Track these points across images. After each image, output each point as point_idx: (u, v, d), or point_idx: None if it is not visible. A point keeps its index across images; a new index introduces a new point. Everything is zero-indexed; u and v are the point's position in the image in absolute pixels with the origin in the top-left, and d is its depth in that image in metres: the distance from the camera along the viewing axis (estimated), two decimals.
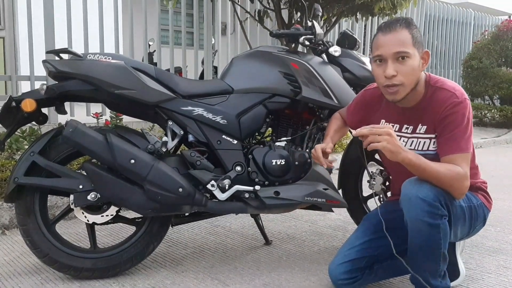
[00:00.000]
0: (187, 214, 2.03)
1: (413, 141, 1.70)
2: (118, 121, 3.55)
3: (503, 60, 8.04)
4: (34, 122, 1.90)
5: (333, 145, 1.84)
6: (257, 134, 2.05)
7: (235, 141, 1.94)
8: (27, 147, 2.39)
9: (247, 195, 1.90)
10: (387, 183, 2.15)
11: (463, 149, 1.56)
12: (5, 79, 4.30)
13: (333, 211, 2.09)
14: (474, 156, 1.71)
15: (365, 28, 6.97)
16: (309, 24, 2.13)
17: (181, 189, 1.79)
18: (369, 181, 2.09)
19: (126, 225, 2.16)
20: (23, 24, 4.36)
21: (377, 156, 2.19)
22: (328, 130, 1.93)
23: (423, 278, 1.62)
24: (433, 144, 1.66)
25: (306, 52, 2.29)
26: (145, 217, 1.93)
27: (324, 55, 2.14)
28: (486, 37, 8.41)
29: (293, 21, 4.10)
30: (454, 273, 1.83)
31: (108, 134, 1.81)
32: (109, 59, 1.84)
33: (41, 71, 2.36)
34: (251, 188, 1.89)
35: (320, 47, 2.13)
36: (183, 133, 1.92)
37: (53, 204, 2.57)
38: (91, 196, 1.79)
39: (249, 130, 1.97)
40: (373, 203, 2.20)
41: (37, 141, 1.85)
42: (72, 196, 1.81)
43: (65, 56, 1.89)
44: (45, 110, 1.92)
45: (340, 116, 1.98)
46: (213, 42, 5.35)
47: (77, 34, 4.15)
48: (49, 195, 1.97)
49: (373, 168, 2.06)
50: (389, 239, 1.58)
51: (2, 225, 2.47)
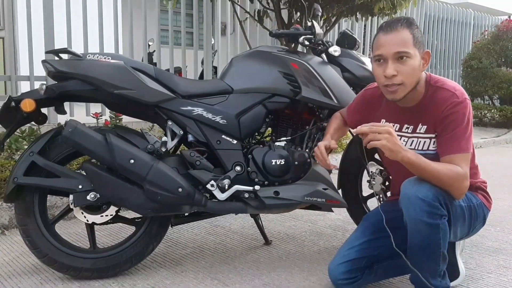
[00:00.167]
0: (186, 214, 2.03)
1: (413, 141, 1.70)
2: (118, 121, 3.55)
3: (503, 60, 8.05)
4: (33, 122, 1.89)
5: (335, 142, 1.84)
6: (256, 134, 2.05)
7: (235, 141, 1.93)
8: (26, 147, 2.39)
9: (246, 195, 1.90)
10: (387, 183, 2.15)
11: (463, 149, 1.56)
12: (4, 79, 4.30)
13: (332, 211, 2.09)
14: (474, 156, 1.71)
15: (365, 28, 6.97)
16: (309, 24, 2.13)
17: (180, 189, 1.79)
18: (369, 181, 2.09)
19: (126, 225, 2.16)
20: (22, 24, 4.36)
21: (377, 156, 2.19)
22: (328, 129, 1.93)
23: (422, 278, 1.62)
24: (433, 144, 1.66)
25: (305, 52, 2.29)
26: (144, 217, 1.93)
27: (324, 55, 2.14)
28: (486, 37, 8.42)
29: (293, 21, 4.10)
30: (454, 273, 1.83)
31: (107, 134, 1.81)
32: (108, 59, 1.84)
33: (40, 71, 2.36)
34: (250, 188, 1.89)
35: (320, 47, 2.13)
36: (182, 133, 1.92)
37: (52, 204, 2.57)
38: (90, 196, 1.79)
39: (248, 130, 1.97)
40: (373, 203, 2.21)
41: (37, 141, 1.85)
42: (71, 196, 1.81)
43: (64, 56, 1.89)
44: (44, 110, 1.92)
45: (341, 116, 1.98)
46: (212, 42, 5.35)
47: (76, 34, 4.15)
48: (48, 195, 1.97)
49: (373, 168, 2.06)
50: (390, 234, 1.57)
51: (2, 225, 2.46)
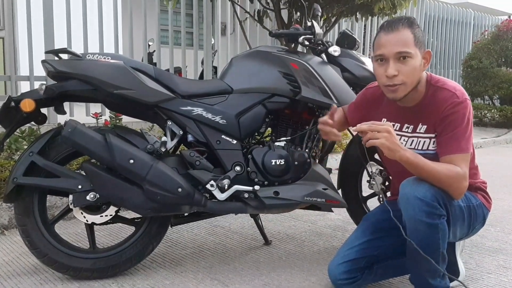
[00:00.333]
0: (186, 214, 2.03)
1: (413, 141, 1.70)
2: (118, 121, 3.55)
3: (503, 60, 8.05)
4: (33, 122, 1.89)
5: (334, 129, 1.80)
6: (256, 134, 2.04)
7: (235, 141, 1.93)
8: (26, 147, 2.39)
9: (246, 195, 1.89)
10: (386, 183, 2.15)
11: (463, 149, 1.56)
12: (4, 79, 4.30)
13: (332, 211, 2.08)
14: (474, 157, 1.71)
15: (365, 28, 6.97)
16: (309, 24, 2.13)
17: (180, 189, 1.79)
18: (368, 181, 2.09)
19: (125, 225, 2.16)
20: (22, 24, 4.36)
21: (377, 156, 2.18)
22: None
23: (422, 278, 1.62)
24: (433, 144, 1.66)
25: (305, 52, 2.29)
26: (144, 217, 1.93)
27: (324, 55, 2.14)
28: (486, 37, 8.42)
29: (293, 21, 4.10)
30: (454, 273, 1.83)
31: (107, 134, 1.81)
32: (108, 59, 1.84)
33: (40, 71, 2.36)
34: (250, 188, 1.89)
35: (320, 47, 2.13)
36: (182, 133, 1.92)
37: (52, 204, 2.57)
38: (90, 196, 1.79)
39: (248, 130, 1.96)
40: (373, 203, 2.21)
41: (36, 141, 1.85)
42: (71, 196, 1.81)
43: (64, 56, 1.89)
44: (44, 110, 1.92)
45: (343, 111, 1.97)
46: (212, 42, 5.35)
47: (76, 34, 4.15)
48: (48, 195, 1.97)
49: (373, 168, 2.06)
50: (399, 224, 1.56)
51: (1, 225, 2.46)
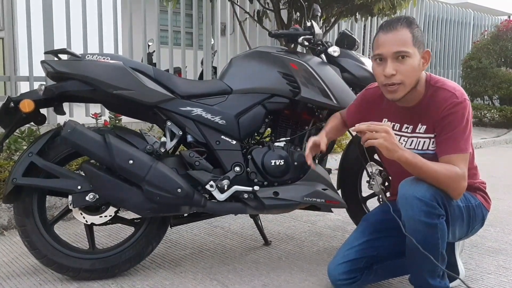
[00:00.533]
0: (186, 215, 2.03)
1: (412, 141, 1.70)
2: (117, 121, 3.55)
3: (503, 60, 8.06)
4: (32, 123, 1.89)
5: (327, 141, 1.83)
6: (256, 134, 2.04)
7: (234, 142, 1.93)
8: (25, 147, 2.39)
9: (246, 195, 1.89)
10: (386, 183, 2.15)
11: (462, 149, 1.56)
12: (4, 79, 4.30)
13: (332, 211, 2.08)
14: (473, 157, 1.71)
15: (365, 28, 6.97)
16: (308, 24, 2.13)
17: (179, 190, 1.79)
18: (368, 181, 2.09)
19: (125, 225, 2.16)
20: (22, 24, 4.36)
21: (376, 156, 2.18)
22: (325, 126, 1.93)
23: (422, 278, 1.62)
24: (433, 144, 1.66)
25: (305, 52, 2.29)
26: (143, 217, 1.93)
27: (323, 56, 2.14)
28: (485, 37, 8.42)
29: (292, 22, 4.10)
30: (454, 273, 1.82)
31: (106, 134, 1.80)
32: (107, 59, 1.84)
33: (40, 71, 2.36)
34: (250, 189, 1.89)
35: (319, 48, 2.13)
36: (182, 133, 1.92)
37: (51, 205, 2.57)
38: (89, 197, 1.79)
39: (248, 131, 1.96)
40: (372, 203, 2.21)
41: (36, 142, 1.84)
42: (70, 197, 1.81)
43: (63, 57, 1.88)
44: (43, 111, 1.91)
45: (340, 116, 1.98)
46: (212, 43, 5.35)
47: (76, 34, 4.15)
48: (47, 195, 1.97)
49: (373, 168, 2.05)
50: (398, 219, 1.56)
51: (1, 226, 2.46)
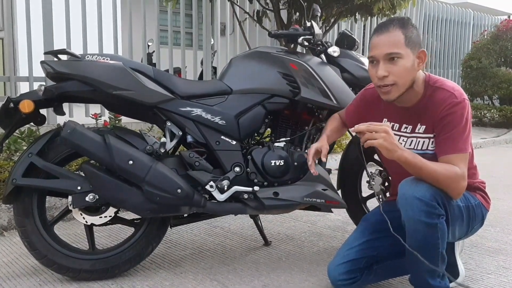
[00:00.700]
0: (186, 215, 2.03)
1: (412, 141, 1.70)
2: (117, 122, 3.55)
3: (503, 60, 8.06)
4: (32, 123, 1.89)
5: (329, 145, 1.84)
6: (256, 134, 2.04)
7: (234, 142, 1.93)
8: (25, 148, 2.38)
9: (246, 196, 1.89)
10: (386, 183, 2.14)
11: (461, 149, 1.56)
12: (3, 80, 4.30)
13: (332, 211, 2.08)
14: (472, 157, 1.71)
15: (364, 29, 6.97)
16: (308, 24, 2.13)
17: (179, 190, 1.79)
18: (368, 182, 2.09)
19: (125, 226, 2.16)
20: (22, 25, 4.35)
21: (376, 157, 2.18)
22: (325, 129, 1.93)
23: (421, 278, 1.62)
24: (432, 144, 1.66)
25: (305, 52, 2.29)
26: (143, 218, 1.92)
27: (323, 56, 2.14)
28: (485, 37, 8.42)
29: (292, 22, 4.10)
30: (454, 274, 1.83)
31: (106, 135, 1.80)
32: (107, 60, 1.84)
33: (40, 72, 2.36)
34: (250, 189, 1.89)
35: (319, 48, 2.13)
36: (181, 134, 1.92)
37: (51, 205, 2.57)
38: (89, 197, 1.79)
39: (248, 131, 1.96)
40: (372, 203, 2.21)
41: (35, 142, 1.84)
42: (70, 197, 1.80)
43: (63, 57, 1.88)
44: (43, 111, 1.92)
45: (339, 117, 1.98)
46: (212, 43, 5.35)
47: (75, 35, 4.15)
48: (47, 196, 1.97)
49: (373, 168, 2.05)
50: (401, 240, 1.57)
51: (1, 226, 2.46)
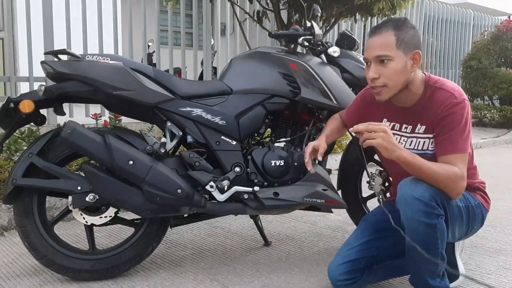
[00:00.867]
0: (186, 215, 2.03)
1: (412, 141, 1.70)
2: (117, 122, 3.55)
3: (503, 60, 8.05)
4: (32, 123, 1.89)
5: (327, 144, 1.84)
6: (256, 135, 2.04)
7: (234, 142, 1.93)
8: (25, 148, 2.38)
9: (246, 196, 1.89)
10: (386, 183, 2.14)
11: (460, 149, 1.56)
12: (4, 80, 4.30)
13: (332, 212, 2.08)
14: (472, 157, 1.71)
15: (365, 29, 6.97)
16: (308, 24, 2.13)
17: (179, 190, 1.79)
18: (368, 182, 2.09)
19: (125, 226, 2.16)
20: (22, 25, 4.36)
21: (376, 157, 2.18)
22: (325, 129, 1.93)
23: (422, 278, 1.62)
24: (432, 144, 1.66)
25: (305, 52, 2.29)
26: (143, 218, 1.92)
27: (323, 56, 2.14)
28: (485, 37, 8.42)
29: (292, 22, 4.10)
30: (454, 274, 1.82)
31: (106, 135, 1.80)
32: (107, 60, 1.84)
33: (40, 72, 2.36)
34: (250, 189, 1.89)
35: (319, 48, 2.13)
36: (182, 134, 1.92)
37: (51, 206, 2.57)
38: (89, 198, 1.79)
39: (248, 131, 1.96)
40: (372, 203, 2.21)
41: (36, 142, 1.84)
42: (70, 198, 1.81)
43: (63, 57, 1.88)
44: (43, 111, 1.92)
45: (339, 117, 1.98)
46: (212, 43, 5.35)
47: (76, 35, 4.15)
48: (47, 196, 1.97)
49: (373, 168, 2.05)
50: (401, 231, 1.56)
51: (1, 226, 2.46)
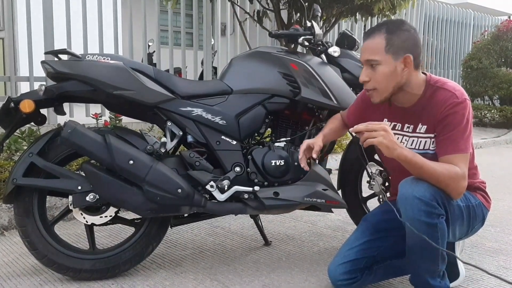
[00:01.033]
0: (186, 215, 2.03)
1: (413, 140, 1.70)
2: (117, 122, 3.55)
3: (503, 60, 8.05)
4: (33, 123, 1.89)
5: (323, 143, 1.85)
6: (256, 134, 2.04)
7: (234, 142, 1.93)
8: (25, 148, 2.39)
9: (246, 195, 1.89)
10: (386, 183, 2.15)
11: (461, 149, 1.56)
12: (4, 79, 4.30)
13: (332, 211, 2.08)
14: (473, 157, 1.71)
15: (365, 29, 6.96)
16: (308, 24, 2.13)
17: (180, 190, 1.79)
18: (368, 182, 2.09)
19: (125, 226, 2.16)
20: (22, 25, 4.36)
21: (376, 157, 2.18)
22: (324, 128, 1.94)
23: (422, 278, 1.62)
24: (433, 144, 1.66)
25: (305, 52, 2.29)
26: (144, 218, 1.93)
27: (323, 56, 2.14)
28: (485, 37, 8.42)
29: (292, 22, 4.10)
30: (454, 274, 1.83)
31: (106, 135, 1.81)
32: (107, 59, 1.84)
33: (40, 72, 2.36)
34: (250, 189, 1.89)
35: (319, 48, 2.13)
36: (182, 133, 1.92)
37: (52, 205, 2.57)
38: (89, 197, 1.79)
39: (248, 131, 1.96)
40: (373, 203, 2.21)
41: (36, 142, 1.84)
42: (70, 197, 1.81)
43: (64, 57, 1.88)
44: (44, 111, 1.91)
45: (340, 117, 1.98)
46: (212, 43, 5.35)
47: (76, 34, 4.15)
48: (48, 196, 1.97)
49: (373, 168, 2.05)
50: (402, 220, 1.56)
51: (1, 226, 2.46)
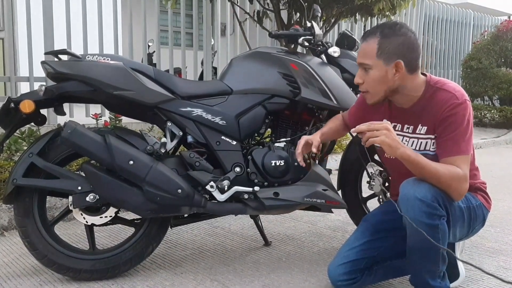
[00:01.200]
0: (186, 215, 2.03)
1: (414, 141, 1.70)
2: (117, 122, 3.55)
3: (503, 60, 8.05)
4: (33, 123, 1.89)
5: (321, 140, 1.85)
6: (256, 135, 2.04)
7: (234, 142, 1.93)
8: (26, 148, 2.39)
9: (246, 196, 1.89)
10: (386, 183, 2.15)
11: (463, 151, 1.56)
12: (4, 80, 4.30)
13: (332, 212, 2.08)
14: (473, 158, 1.71)
15: (365, 29, 6.96)
16: (308, 25, 2.13)
17: (180, 190, 1.79)
18: (368, 182, 2.09)
19: (125, 226, 2.16)
20: (22, 25, 4.36)
21: (376, 157, 2.18)
22: (324, 126, 1.94)
23: (422, 279, 1.62)
24: (433, 145, 1.66)
25: (305, 53, 2.29)
26: (144, 218, 1.93)
27: (323, 56, 2.14)
28: (485, 37, 8.42)
29: (292, 22, 4.10)
30: (454, 274, 1.83)
31: (106, 135, 1.81)
32: (107, 60, 1.84)
33: (40, 72, 2.36)
34: (250, 189, 1.89)
35: (319, 48, 2.13)
36: (182, 134, 1.92)
37: (52, 205, 2.57)
38: (89, 197, 1.79)
39: (248, 131, 1.96)
40: (373, 204, 2.21)
41: (36, 142, 1.85)
42: (71, 198, 1.81)
43: (64, 57, 1.88)
44: (44, 111, 1.91)
45: (341, 118, 1.98)
46: (212, 43, 5.35)
47: (76, 35, 4.15)
48: (48, 196, 1.97)
49: (373, 168, 2.05)
50: (402, 215, 1.56)
51: (1, 226, 2.46)
